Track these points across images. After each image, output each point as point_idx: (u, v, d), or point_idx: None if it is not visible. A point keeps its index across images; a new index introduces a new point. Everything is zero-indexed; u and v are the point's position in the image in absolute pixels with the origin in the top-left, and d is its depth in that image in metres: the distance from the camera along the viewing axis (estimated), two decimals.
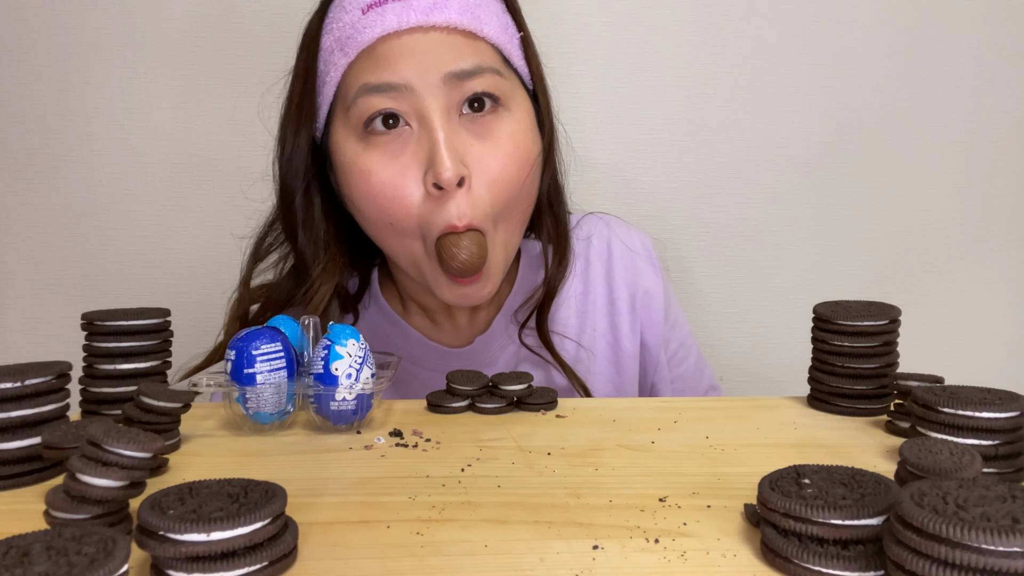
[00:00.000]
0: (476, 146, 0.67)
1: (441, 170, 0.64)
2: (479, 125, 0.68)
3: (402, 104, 0.66)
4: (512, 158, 0.68)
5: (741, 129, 1.14)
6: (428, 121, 0.66)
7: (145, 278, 1.11)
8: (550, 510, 0.44)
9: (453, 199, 0.65)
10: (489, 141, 0.68)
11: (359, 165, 0.67)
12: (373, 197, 0.67)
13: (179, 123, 1.09)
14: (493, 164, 0.67)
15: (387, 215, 0.67)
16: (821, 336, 0.64)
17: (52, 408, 0.50)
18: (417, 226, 0.67)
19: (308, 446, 0.55)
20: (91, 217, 1.10)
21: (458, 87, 0.66)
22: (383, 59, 0.66)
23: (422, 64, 0.65)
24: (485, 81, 0.67)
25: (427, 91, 0.65)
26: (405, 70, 0.65)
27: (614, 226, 0.87)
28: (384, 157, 0.67)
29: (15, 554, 0.30)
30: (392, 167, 0.66)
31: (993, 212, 1.17)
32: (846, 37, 1.13)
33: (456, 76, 0.66)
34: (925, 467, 0.41)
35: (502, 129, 0.68)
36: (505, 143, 0.68)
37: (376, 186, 0.67)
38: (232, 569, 0.35)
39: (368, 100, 0.66)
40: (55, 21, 1.07)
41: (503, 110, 0.69)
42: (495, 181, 0.67)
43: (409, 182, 0.66)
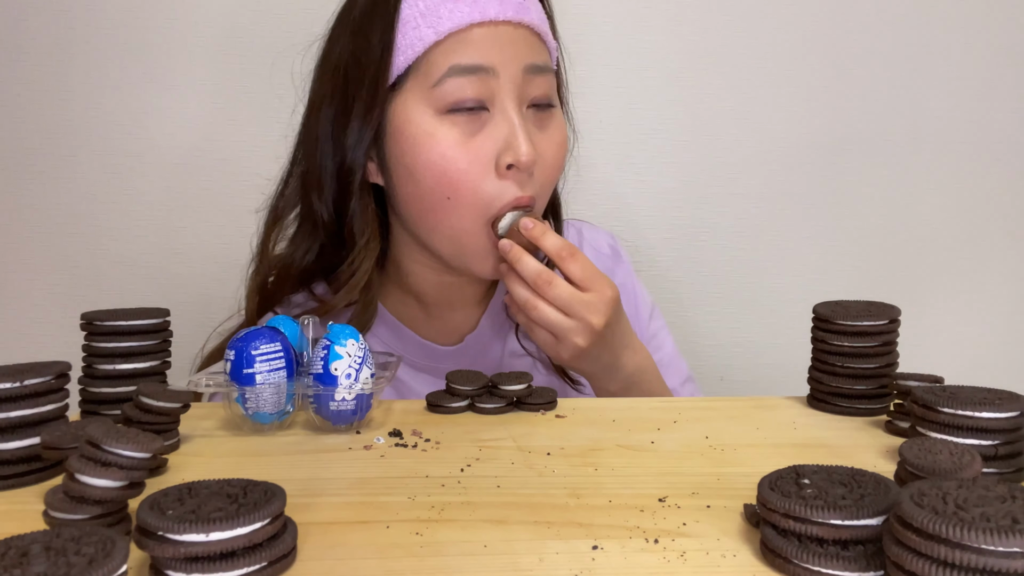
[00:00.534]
0: (538, 136, 0.74)
1: (522, 153, 0.70)
2: (540, 119, 0.75)
3: (484, 90, 0.71)
4: (561, 149, 0.76)
5: (741, 129, 1.14)
6: (507, 109, 0.71)
7: (145, 278, 1.11)
8: (550, 510, 0.44)
9: (520, 179, 0.72)
10: (547, 133, 0.75)
11: (435, 137, 0.70)
12: (440, 169, 0.70)
13: (179, 123, 1.09)
14: (549, 155, 0.74)
15: (449, 187, 0.71)
16: (821, 336, 0.64)
17: (51, 408, 0.50)
18: (481, 202, 0.71)
19: (307, 446, 0.55)
20: (91, 217, 1.10)
21: (531, 81, 0.73)
22: (475, 42, 0.70)
23: (508, 53, 0.71)
24: (549, 81, 0.75)
25: (509, 78, 0.71)
26: (494, 55, 0.70)
27: (584, 232, 0.91)
28: (461, 135, 0.71)
29: (14, 554, 0.30)
30: (468, 145, 0.71)
31: (993, 212, 1.17)
32: (846, 37, 1.13)
33: (533, 69, 0.73)
34: (925, 467, 0.41)
35: (554, 123, 0.76)
36: (557, 135, 0.76)
37: (449, 159, 0.70)
38: (231, 569, 0.35)
39: (458, 82, 0.70)
40: (55, 21, 1.07)
41: (553, 107, 0.76)
42: (548, 167, 0.75)
43: (483, 160, 0.71)
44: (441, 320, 0.83)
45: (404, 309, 0.83)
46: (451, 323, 0.84)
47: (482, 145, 0.71)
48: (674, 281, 1.14)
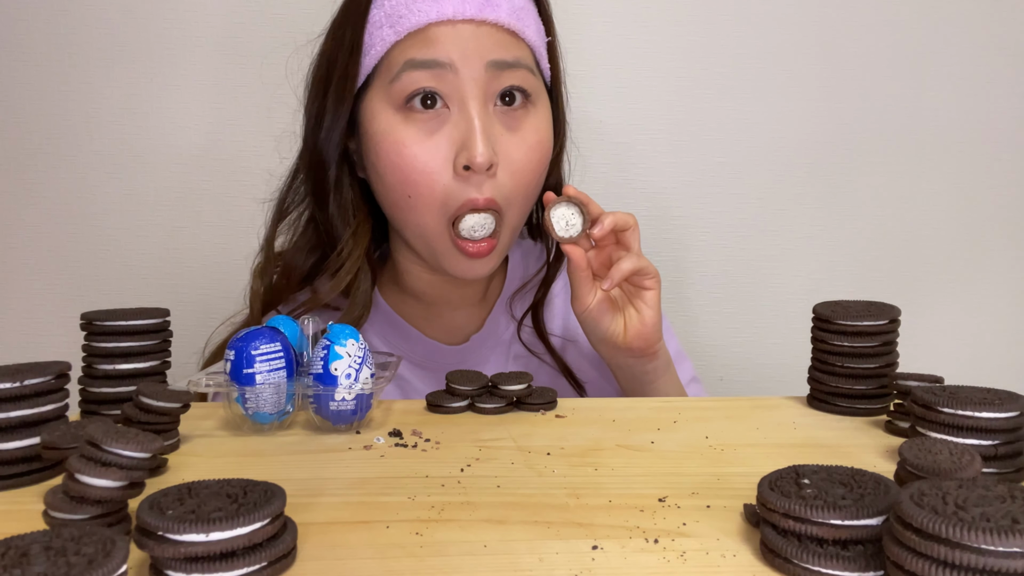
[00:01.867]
0: (506, 136, 0.72)
1: (475, 154, 0.68)
2: (510, 118, 0.72)
3: (444, 85, 0.70)
4: (534, 151, 0.73)
5: (741, 129, 1.14)
6: (466, 106, 0.70)
7: (145, 278, 1.11)
8: (550, 510, 0.44)
9: (478, 181, 0.70)
10: (517, 134, 0.72)
11: (393, 136, 0.70)
12: (400, 168, 0.70)
13: (179, 123, 1.09)
14: (518, 155, 0.72)
15: (409, 187, 0.71)
16: (821, 336, 0.64)
17: (51, 408, 0.50)
18: (437, 201, 0.71)
19: (307, 446, 0.55)
20: (91, 217, 1.10)
21: (497, 77, 0.71)
22: (432, 40, 0.70)
23: (468, 49, 0.70)
24: (520, 76, 0.72)
25: (469, 74, 0.70)
26: (451, 50, 0.69)
27: None
28: (420, 133, 0.70)
29: (14, 554, 0.30)
30: (426, 144, 0.70)
31: (993, 212, 1.17)
32: (846, 37, 1.13)
33: (497, 65, 0.71)
34: (925, 467, 0.41)
35: (529, 123, 0.73)
36: (530, 136, 0.73)
37: (407, 158, 0.70)
38: (231, 569, 0.35)
39: (412, 76, 0.69)
40: (55, 21, 1.07)
41: (531, 106, 0.74)
42: (517, 170, 0.72)
43: (439, 159, 0.70)
44: (443, 319, 0.83)
45: (406, 308, 0.83)
46: (454, 322, 0.84)
47: (439, 144, 0.70)
48: (674, 281, 1.14)
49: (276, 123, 1.10)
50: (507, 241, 0.75)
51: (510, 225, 0.74)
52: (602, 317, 0.73)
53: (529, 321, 0.84)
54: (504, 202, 0.72)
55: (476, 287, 0.84)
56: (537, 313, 0.83)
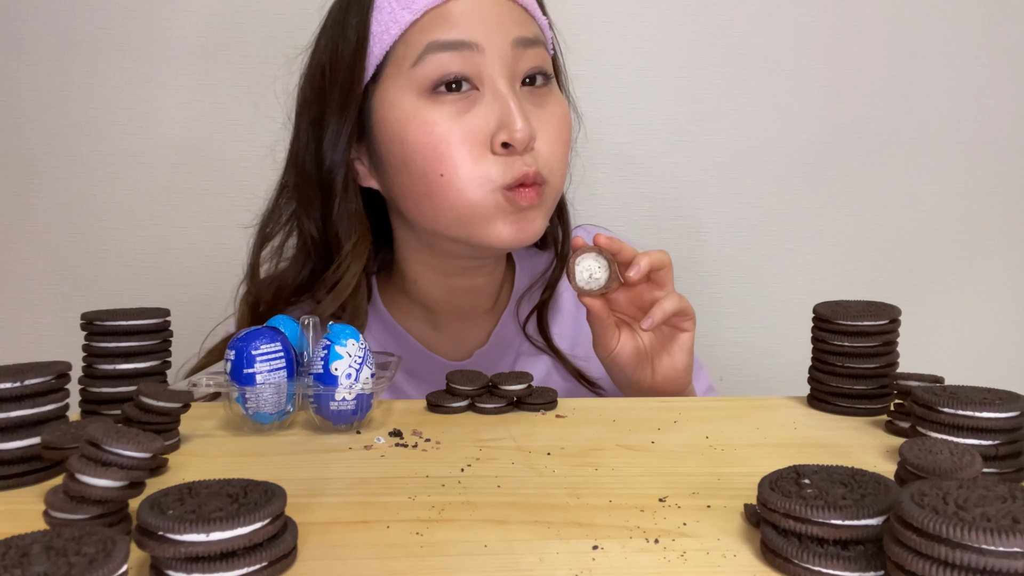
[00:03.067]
0: (535, 112, 0.70)
1: (515, 130, 0.66)
2: (536, 96, 0.72)
3: (470, 66, 0.68)
4: (563, 123, 0.73)
5: (741, 129, 1.14)
6: (498, 86, 0.68)
7: (145, 278, 1.11)
8: (550, 510, 0.44)
9: (520, 156, 0.68)
10: (546, 109, 0.72)
11: (422, 116, 0.67)
12: (432, 147, 0.67)
13: (179, 123, 1.09)
14: (551, 129, 0.71)
15: (444, 164, 0.67)
16: (821, 336, 0.64)
17: (51, 408, 0.50)
18: (479, 176, 0.68)
19: (308, 446, 0.55)
20: (91, 217, 1.10)
21: (521, 55, 0.69)
22: (453, 17, 0.67)
23: (492, 26, 0.68)
24: (541, 54, 0.72)
25: (496, 53, 0.68)
26: (476, 30, 0.67)
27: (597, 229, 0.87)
28: (451, 112, 0.68)
29: (14, 554, 0.30)
30: (458, 121, 0.68)
31: (993, 212, 1.17)
32: (846, 37, 1.13)
33: (521, 42, 0.69)
34: (925, 467, 0.41)
35: (553, 99, 0.73)
36: (557, 110, 0.73)
37: (439, 136, 0.67)
38: (231, 569, 0.35)
39: (438, 58, 0.67)
40: (56, 21, 1.07)
41: (551, 84, 0.74)
42: (552, 141, 0.71)
43: (478, 136, 0.68)
44: (450, 333, 0.82)
45: (413, 322, 0.81)
46: (460, 336, 0.82)
47: (474, 122, 0.68)
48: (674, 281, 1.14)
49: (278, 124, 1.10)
50: (550, 209, 0.73)
51: (554, 192, 0.72)
52: (628, 362, 0.70)
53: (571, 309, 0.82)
54: (547, 174, 0.70)
55: (487, 294, 0.82)
56: (542, 314, 0.81)
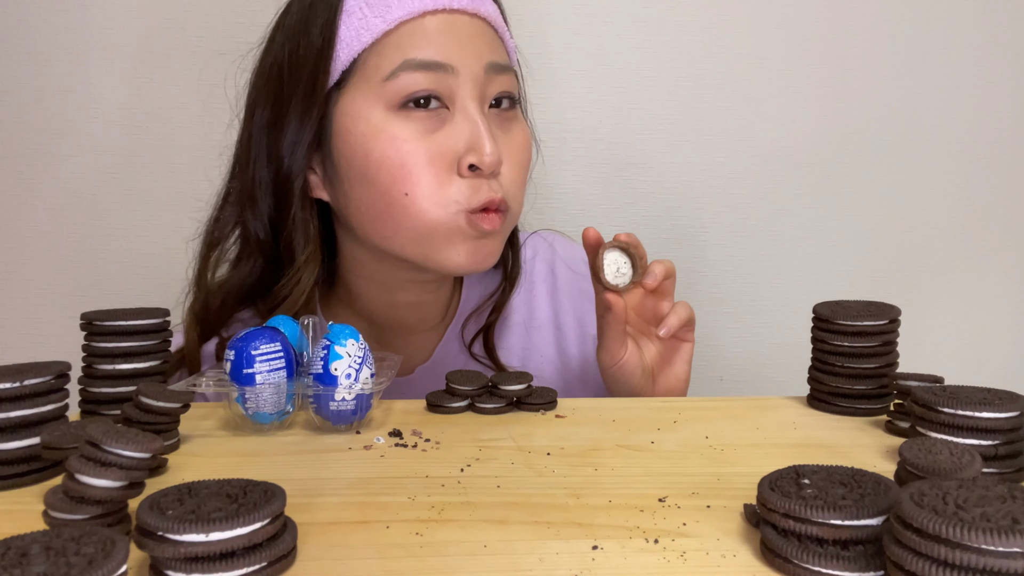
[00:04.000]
0: (502, 137, 0.71)
1: (485, 154, 0.66)
2: (502, 119, 0.72)
3: (443, 86, 0.67)
4: (525, 150, 0.73)
5: (741, 129, 1.14)
6: (468, 108, 0.68)
7: (145, 278, 1.11)
8: (550, 510, 0.44)
9: (486, 179, 0.68)
10: (511, 135, 0.72)
11: (390, 131, 0.66)
12: (398, 165, 0.66)
13: (179, 123, 1.09)
14: (515, 155, 0.71)
15: (410, 183, 0.66)
16: (821, 336, 0.64)
17: (51, 408, 0.50)
18: (444, 197, 0.67)
19: (307, 446, 0.55)
20: (91, 217, 1.10)
21: (492, 80, 0.70)
22: (430, 35, 0.67)
23: (468, 49, 0.68)
24: (510, 80, 0.72)
25: (470, 76, 0.68)
26: (452, 51, 0.67)
27: (557, 247, 0.87)
28: (419, 130, 0.67)
29: (14, 554, 0.30)
30: (427, 140, 0.67)
31: (993, 212, 1.17)
32: (846, 38, 1.13)
33: (494, 68, 0.69)
34: (925, 467, 0.41)
35: (517, 124, 0.74)
36: (519, 136, 0.73)
37: (407, 154, 0.66)
38: (231, 569, 0.35)
39: (412, 76, 0.66)
40: (55, 21, 1.07)
41: (517, 111, 0.74)
42: (514, 167, 0.71)
43: (446, 157, 0.67)
44: (393, 348, 0.79)
45: None
46: (403, 351, 0.78)
47: (443, 142, 0.67)
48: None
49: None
50: (506, 235, 0.74)
51: (513, 218, 0.73)
52: (634, 371, 0.70)
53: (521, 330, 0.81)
54: (509, 200, 0.70)
55: (433, 310, 0.80)
56: (488, 335, 0.80)
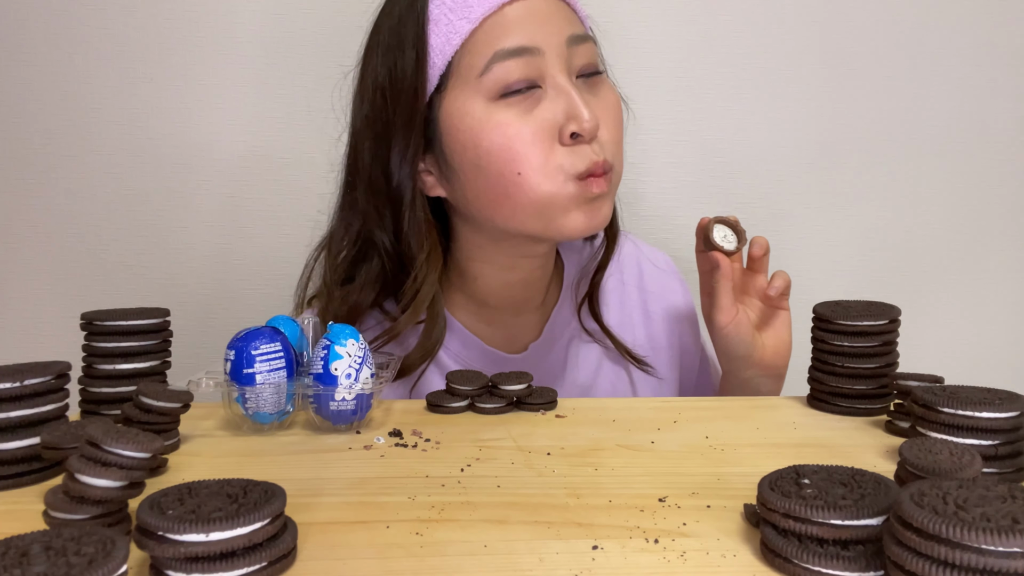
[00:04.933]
0: (594, 102, 0.73)
1: (583, 120, 0.69)
2: (591, 86, 0.75)
3: (534, 69, 0.71)
4: (618, 111, 0.77)
5: (742, 129, 1.14)
6: (559, 82, 0.71)
7: (145, 278, 1.11)
8: (550, 510, 0.44)
9: (588, 145, 0.71)
10: (602, 98, 0.75)
11: (495, 120, 0.70)
12: (508, 148, 0.70)
13: (178, 123, 1.09)
14: (609, 117, 0.75)
15: (520, 162, 0.70)
16: (821, 336, 0.64)
17: (51, 408, 0.50)
18: (552, 168, 0.70)
19: (308, 446, 0.55)
20: (91, 217, 1.10)
21: (576, 52, 0.73)
22: (512, 23, 0.71)
23: (548, 28, 0.71)
24: (591, 49, 0.75)
25: (554, 53, 0.71)
26: (534, 33, 0.71)
27: (641, 246, 0.94)
28: (520, 112, 0.71)
29: (14, 554, 0.30)
30: (528, 118, 0.70)
31: (993, 212, 1.17)
32: (846, 38, 1.13)
33: (574, 39, 0.73)
34: (924, 467, 0.41)
35: (607, 89, 0.77)
36: (611, 97, 0.77)
37: (512, 136, 0.70)
38: (231, 569, 0.35)
39: (505, 66, 0.70)
40: (55, 21, 1.07)
41: (603, 75, 0.78)
42: (611, 128, 0.75)
43: (547, 130, 0.70)
44: (504, 327, 0.83)
45: (468, 318, 0.83)
46: (514, 330, 0.84)
47: (542, 116, 0.71)
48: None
49: (278, 123, 1.10)
50: (614, 195, 0.78)
51: (618, 177, 0.76)
52: (747, 332, 0.77)
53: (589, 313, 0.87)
54: (612, 160, 0.73)
55: (538, 288, 0.85)
56: (594, 297, 0.85)
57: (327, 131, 1.10)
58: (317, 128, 1.10)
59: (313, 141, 1.10)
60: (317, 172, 1.11)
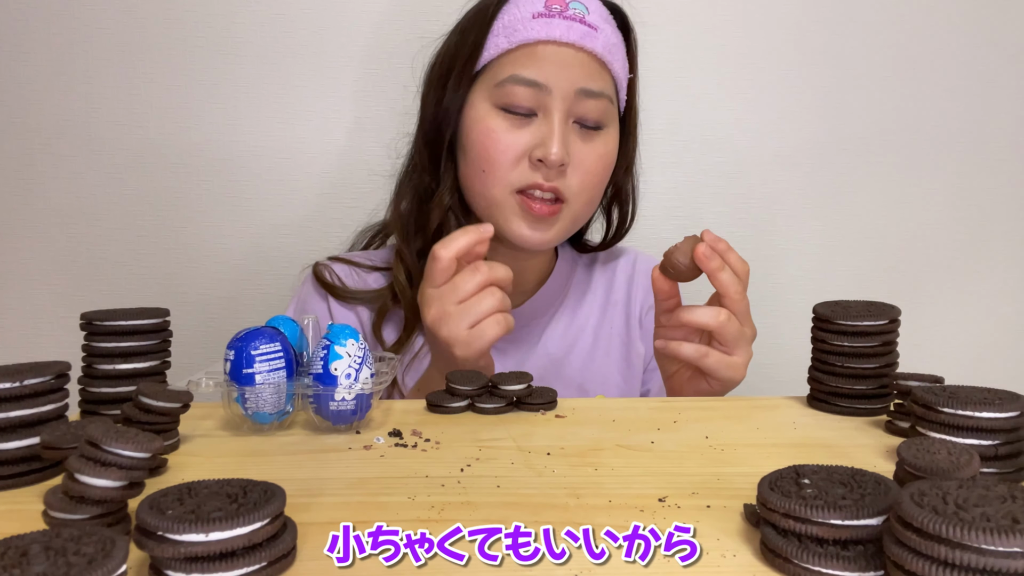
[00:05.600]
0: (578, 145, 0.83)
1: (551, 151, 0.80)
2: (585, 134, 0.84)
3: (537, 101, 0.82)
4: (602, 160, 0.85)
5: (741, 129, 1.14)
6: (551, 116, 0.81)
7: (145, 278, 1.11)
8: (550, 510, 0.44)
9: (546, 173, 0.82)
10: (589, 145, 0.84)
11: (487, 122, 0.83)
12: (484, 148, 0.83)
13: (178, 123, 1.09)
14: (588, 161, 0.84)
15: (486, 163, 0.83)
16: (821, 336, 0.64)
17: (51, 408, 0.50)
18: (506, 179, 0.82)
19: (307, 446, 0.55)
20: (91, 217, 1.10)
21: (582, 102, 0.82)
22: (537, 58, 0.81)
23: (564, 73, 0.81)
24: (600, 106, 0.84)
25: (560, 94, 0.81)
26: (551, 73, 0.81)
27: (639, 263, 1.01)
28: (507, 126, 0.82)
29: (14, 554, 0.30)
30: (510, 134, 0.82)
31: (993, 212, 1.17)
32: (846, 38, 1.13)
33: (585, 93, 0.82)
34: (923, 467, 0.41)
35: (600, 139, 0.85)
36: (600, 148, 0.85)
37: (492, 141, 0.82)
38: (231, 569, 0.35)
39: (515, 89, 0.81)
40: (55, 21, 1.07)
41: (604, 131, 0.86)
42: (586, 172, 0.84)
43: (518, 148, 0.82)
44: None
45: None
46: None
47: (521, 137, 0.82)
48: None
49: (278, 123, 1.10)
50: (567, 227, 0.86)
51: (573, 214, 0.85)
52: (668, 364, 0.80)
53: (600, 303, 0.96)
54: (569, 194, 0.83)
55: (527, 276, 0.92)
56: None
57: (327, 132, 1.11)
58: (317, 129, 1.10)
59: (313, 141, 1.10)
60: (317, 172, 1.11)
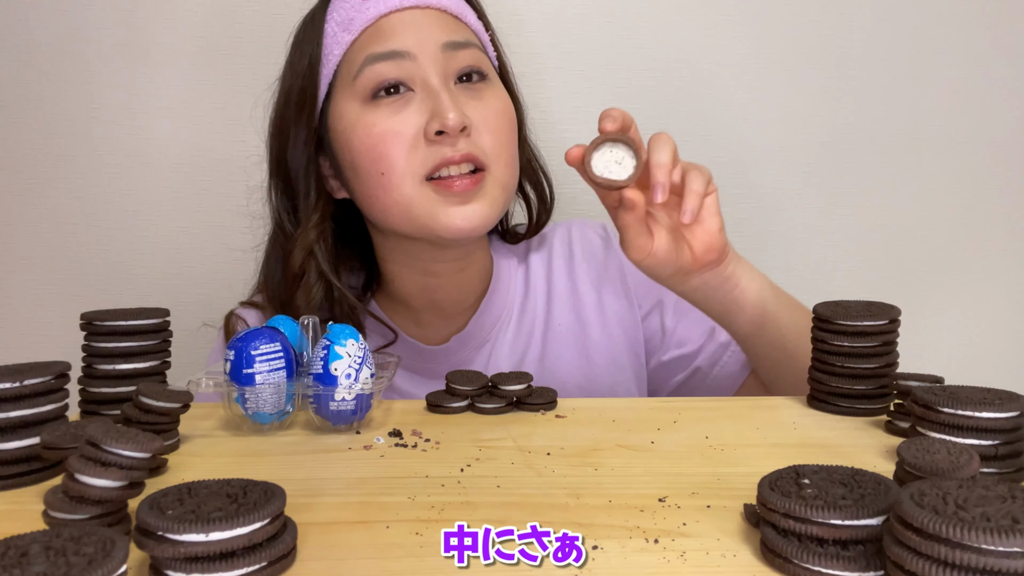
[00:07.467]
0: (473, 104, 0.75)
1: (447, 117, 0.70)
2: (473, 90, 0.76)
3: (404, 72, 0.73)
4: (503, 114, 0.77)
5: (741, 129, 1.14)
6: (430, 84, 0.73)
7: (145, 278, 1.11)
8: (550, 510, 0.44)
9: (451, 142, 0.72)
10: (483, 101, 0.75)
11: (363, 120, 0.73)
12: (372, 147, 0.73)
13: (179, 123, 1.09)
14: (490, 117, 0.75)
15: (383, 162, 0.72)
16: (821, 336, 0.64)
17: (51, 408, 0.50)
18: (412, 168, 0.72)
19: (307, 446, 0.55)
20: (91, 217, 1.10)
21: (453, 57, 0.74)
22: (385, 32, 0.74)
23: (421, 35, 0.74)
24: (473, 54, 0.76)
25: (427, 58, 0.73)
26: (407, 39, 0.73)
27: (573, 231, 0.91)
28: (388, 113, 0.73)
29: (14, 554, 0.30)
30: (395, 119, 0.73)
31: (993, 212, 1.17)
32: (846, 37, 1.13)
33: (450, 46, 0.74)
34: (922, 467, 0.41)
35: (490, 92, 0.77)
36: (495, 102, 0.77)
37: (377, 136, 0.72)
38: (231, 569, 0.35)
39: (374, 69, 0.73)
40: (55, 21, 1.07)
41: (489, 81, 0.78)
42: (493, 128, 0.75)
43: (411, 129, 0.72)
44: (432, 328, 0.84)
45: (396, 316, 0.85)
46: (444, 331, 0.84)
47: (408, 117, 0.72)
48: None
49: None
50: (499, 196, 0.75)
51: (497, 180, 0.74)
52: (665, 256, 0.66)
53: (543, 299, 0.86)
54: (486, 158, 0.73)
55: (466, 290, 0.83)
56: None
57: None
58: None
59: None
60: None
